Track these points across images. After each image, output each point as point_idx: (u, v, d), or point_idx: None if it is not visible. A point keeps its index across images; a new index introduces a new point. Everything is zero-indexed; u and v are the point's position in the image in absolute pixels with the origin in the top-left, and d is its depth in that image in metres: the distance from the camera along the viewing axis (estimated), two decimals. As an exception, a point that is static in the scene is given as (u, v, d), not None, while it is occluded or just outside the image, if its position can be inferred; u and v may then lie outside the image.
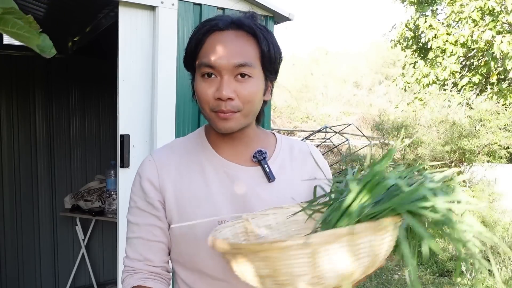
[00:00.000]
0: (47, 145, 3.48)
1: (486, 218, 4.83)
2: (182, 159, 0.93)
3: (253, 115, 0.88)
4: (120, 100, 2.06)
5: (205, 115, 0.88)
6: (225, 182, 0.90)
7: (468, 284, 4.37)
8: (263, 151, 0.93)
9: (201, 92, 0.85)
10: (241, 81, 0.84)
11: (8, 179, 3.34)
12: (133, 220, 0.93)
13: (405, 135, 5.56)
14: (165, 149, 0.97)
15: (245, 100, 0.84)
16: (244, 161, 0.93)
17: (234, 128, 0.86)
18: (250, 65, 0.84)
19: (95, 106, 3.69)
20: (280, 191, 0.91)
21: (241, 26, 0.86)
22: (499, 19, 6.94)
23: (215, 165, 0.92)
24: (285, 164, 0.96)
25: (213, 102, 0.84)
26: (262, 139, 0.97)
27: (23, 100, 3.37)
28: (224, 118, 0.84)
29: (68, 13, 2.62)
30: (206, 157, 0.93)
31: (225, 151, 0.93)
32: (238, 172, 0.91)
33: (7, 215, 3.34)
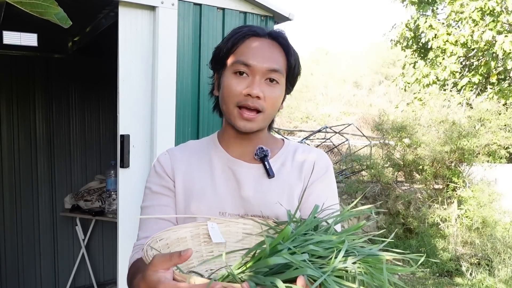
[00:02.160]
0: (47, 145, 3.48)
1: (486, 219, 4.83)
2: (193, 155, 1.01)
3: (270, 119, 0.96)
4: (120, 100, 2.06)
5: (226, 110, 0.93)
6: (229, 176, 0.96)
7: (468, 284, 4.36)
8: (265, 149, 0.97)
9: (231, 86, 0.91)
10: (270, 85, 0.91)
11: (8, 179, 3.33)
12: (148, 204, 0.98)
13: (404, 135, 5.56)
14: (179, 147, 1.05)
15: (270, 102, 0.91)
16: (250, 159, 0.98)
17: (254, 128, 0.92)
18: (280, 72, 0.92)
19: (95, 106, 3.69)
20: (278, 188, 0.95)
21: (276, 37, 0.94)
22: (499, 19, 6.94)
23: (222, 161, 0.98)
24: (287, 163, 0.99)
25: (241, 97, 0.89)
26: (270, 143, 1.03)
27: (23, 100, 3.37)
28: (247, 117, 0.90)
29: (68, 13, 2.61)
30: (215, 154, 0.99)
31: (234, 150, 0.99)
32: (241, 168, 0.96)
33: (7, 215, 3.33)
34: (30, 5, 0.46)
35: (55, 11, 0.47)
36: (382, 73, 19.63)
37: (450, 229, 5.08)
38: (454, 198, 5.26)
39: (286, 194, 0.95)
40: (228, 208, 0.93)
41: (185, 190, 0.96)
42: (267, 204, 0.93)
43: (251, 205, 0.93)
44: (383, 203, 5.95)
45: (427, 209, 5.21)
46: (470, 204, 4.98)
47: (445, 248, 4.93)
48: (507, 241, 4.63)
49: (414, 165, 5.53)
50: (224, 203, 0.93)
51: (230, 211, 0.93)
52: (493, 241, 4.66)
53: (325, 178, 1.00)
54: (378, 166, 5.83)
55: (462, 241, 4.95)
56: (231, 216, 0.92)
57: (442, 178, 5.40)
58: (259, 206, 0.93)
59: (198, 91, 2.23)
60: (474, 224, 4.89)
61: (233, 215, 0.93)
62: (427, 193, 5.55)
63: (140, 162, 2.13)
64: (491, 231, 4.80)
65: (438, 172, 5.37)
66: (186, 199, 0.95)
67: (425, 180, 5.44)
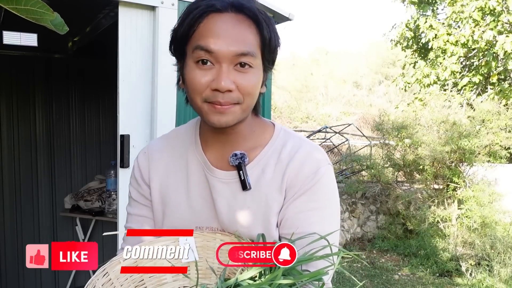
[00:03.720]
0: (47, 145, 3.48)
1: (486, 219, 4.83)
2: (172, 156, 0.90)
3: (250, 108, 0.81)
4: (120, 100, 2.06)
5: (195, 106, 0.79)
6: (204, 189, 0.85)
7: (468, 284, 4.36)
8: (239, 154, 0.82)
9: (194, 80, 0.76)
10: (241, 71, 0.75)
11: (8, 179, 3.33)
12: (128, 210, 0.93)
13: (405, 135, 5.56)
14: (160, 142, 0.94)
15: (245, 92, 0.76)
16: (227, 164, 0.84)
17: (230, 122, 0.77)
18: (251, 54, 0.75)
19: (95, 106, 3.69)
20: (254, 201, 0.81)
21: (241, 9, 0.76)
22: (500, 19, 6.94)
23: (200, 168, 0.86)
24: (268, 169, 0.83)
25: (208, 93, 0.75)
26: (256, 136, 0.86)
27: (23, 100, 3.37)
28: (220, 111, 0.75)
29: (68, 13, 2.61)
30: (193, 156, 0.87)
31: (212, 152, 0.86)
32: (216, 178, 0.84)
33: (7, 215, 3.33)
34: (26, 11, 0.46)
35: (50, 18, 0.47)
36: (382, 73, 19.63)
37: (450, 229, 5.08)
38: (454, 198, 5.26)
39: (262, 210, 0.81)
40: (204, 223, 0.84)
41: (162, 200, 0.87)
42: (241, 223, 0.81)
43: (223, 222, 0.83)
44: (383, 203, 5.95)
45: (427, 209, 5.21)
46: (471, 204, 4.97)
47: (445, 248, 4.93)
48: (507, 241, 4.63)
49: (415, 165, 5.53)
50: (200, 218, 0.84)
51: (206, 226, 0.85)
52: (493, 241, 4.66)
53: (311, 190, 0.80)
54: (378, 166, 5.82)
55: (462, 241, 4.95)
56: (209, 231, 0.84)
57: (443, 178, 5.40)
58: (233, 225, 0.81)
59: (198, 91, 2.23)
60: (474, 224, 4.88)
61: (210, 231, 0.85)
62: (427, 193, 5.55)
63: (140, 162, 2.12)
64: (491, 231, 4.79)
65: (438, 172, 5.37)
66: (163, 209, 0.87)
67: (425, 180, 5.44)
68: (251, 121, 0.86)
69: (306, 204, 0.80)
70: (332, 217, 0.82)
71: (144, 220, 0.89)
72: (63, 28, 0.51)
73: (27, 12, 0.46)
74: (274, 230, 0.81)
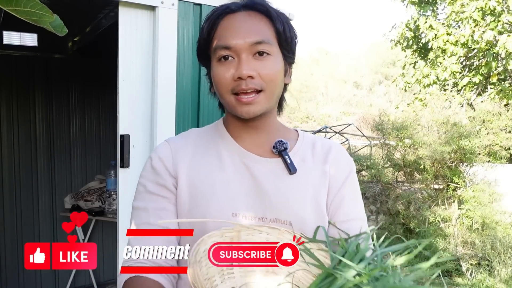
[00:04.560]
0: (47, 145, 3.48)
1: (486, 219, 4.83)
2: (199, 145, 0.88)
3: (275, 97, 0.85)
4: (120, 100, 2.06)
5: (225, 102, 0.83)
6: (243, 172, 0.84)
7: (468, 284, 4.36)
8: (284, 142, 0.87)
9: (219, 76, 0.81)
10: (260, 59, 0.80)
11: (8, 179, 3.33)
12: (141, 205, 0.85)
13: (405, 135, 5.55)
14: (180, 136, 0.92)
15: (266, 78, 0.80)
16: (265, 152, 0.87)
17: (257, 111, 0.81)
18: (267, 42, 0.80)
19: (95, 106, 3.69)
20: (301, 184, 0.85)
21: (253, 6, 0.83)
22: (500, 19, 6.94)
23: (233, 154, 0.86)
24: (307, 158, 0.89)
25: (233, 84, 0.80)
26: (283, 131, 0.92)
27: (23, 100, 3.37)
28: (246, 102, 0.80)
29: (68, 13, 2.62)
30: (224, 145, 0.87)
31: (245, 141, 0.88)
32: (257, 163, 0.85)
33: (7, 215, 3.33)
34: (25, 13, 0.46)
35: (50, 19, 0.47)
36: (382, 73, 19.62)
37: (450, 229, 5.08)
38: (454, 198, 5.26)
39: (310, 193, 0.85)
40: (242, 208, 0.81)
41: (190, 189, 0.83)
42: (290, 204, 0.82)
43: (271, 205, 0.82)
44: (383, 203, 5.94)
45: (427, 209, 5.21)
46: (471, 204, 4.97)
47: (445, 248, 4.93)
48: (508, 241, 4.63)
49: (415, 165, 5.53)
50: (237, 203, 0.81)
51: (245, 212, 0.81)
52: (493, 242, 4.66)
53: (351, 179, 0.90)
54: (378, 166, 5.82)
55: (462, 241, 4.95)
56: (245, 218, 0.80)
57: (443, 178, 5.40)
58: (281, 206, 0.82)
59: (198, 91, 2.23)
60: (475, 225, 4.88)
61: (248, 217, 0.81)
62: (428, 193, 5.55)
63: (140, 162, 2.13)
64: (491, 231, 4.79)
65: (438, 172, 5.37)
66: (191, 199, 0.83)
67: (426, 180, 5.44)
68: (276, 120, 0.92)
69: (349, 192, 0.89)
70: (362, 202, 0.93)
71: (165, 214, 0.83)
72: (62, 30, 0.51)
73: (26, 13, 0.46)
74: (325, 214, 0.86)
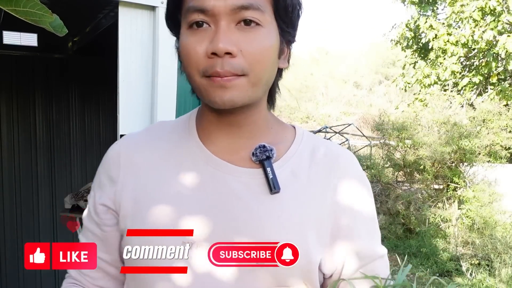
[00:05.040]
0: (47, 145, 3.48)
1: (487, 219, 4.83)
2: (159, 147, 0.67)
3: (264, 84, 0.61)
4: (120, 100, 2.06)
5: (193, 85, 0.61)
6: (205, 185, 0.62)
7: (468, 284, 4.36)
8: (268, 147, 0.63)
9: (188, 49, 0.58)
10: (245, 30, 0.57)
11: (8, 179, 3.33)
12: (85, 221, 0.72)
13: (406, 136, 5.56)
14: (142, 134, 0.71)
15: (252, 58, 0.57)
16: (242, 159, 0.63)
17: (236, 100, 0.58)
18: (257, 7, 0.57)
19: (95, 106, 3.69)
20: (286, 208, 0.61)
21: None
22: (500, 19, 6.94)
23: (198, 162, 0.63)
24: (301, 170, 0.64)
25: (204, 63, 0.57)
26: (275, 131, 0.68)
27: (23, 100, 3.37)
28: (222, 84, 0.56)
29: (68, 14, 2.61)
30: (188, 150, 0.65)
31: (218, 143, 0.65)
32: (228, 174, 0.62)
33: (7, 215, 3.33)
34: (24, 13, 0.46)
35: (49, 20, 0.47)
36: (382, 73, 19.63)
37: (450, 229, 5.08)
38: (454, 198, 5.27)
39: (297, 222, 0.60)
40: (199, 234, 0.59)
41: (134, 205, 0.63)
42: (266, 234, 0.59)
43: (238, 233, 0.59)
44: (383, 203, 5.95)
45: (427, 209, 5.21)
46: (471, 204, 4.98)
47: (445, 248, 4.93)
48: (508, 241, 4.63)
49: (415, 165, 5.54)
50: (192, 225, 0.59)
51: (201, 240, 0.59)
52: (494, 241, 4.66)
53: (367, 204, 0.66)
54: (378, 166, 5.83)
55: (463, 241, 4.95)
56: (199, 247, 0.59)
57: (443, 178, 5.40)
58: (251, 235, 0.59)
59: (198, 91, 2.23)
60: (475, 225, 4.89)
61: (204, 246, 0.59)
62: (428, 193, 5.55)
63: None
64: (491, 231, 4.80)
65: (438, 172, 5.37)
66: (133, 220, 0.62)
67: (426, 180, 5.44)
68: (268, 115, 0.68)
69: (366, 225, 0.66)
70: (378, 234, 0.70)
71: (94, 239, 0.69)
72: (62, 30, 0.51)
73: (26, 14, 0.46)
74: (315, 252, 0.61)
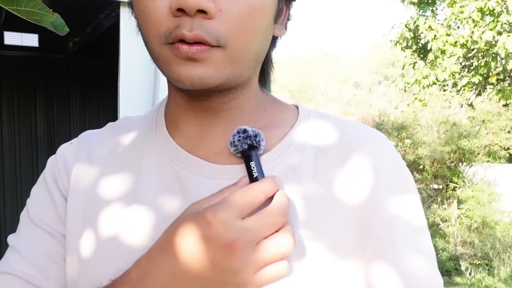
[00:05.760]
0: (48, 145, 3.49)
1: (486, 219, 4.84)
2: (117, 148, 0.52)
3: (250, 60, 0.44)
4: (120, 100, 2.07)
5: (153, 56, 0.45)
6: (169, 194, 0.47)
7: (467, 283, 4.38)
8: (251, 133, 0.44)
9: (145, 3, 0.42)
10: None
11: (10, 179, 3.35)
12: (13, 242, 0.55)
13: (405, 135, 5.58)
14: (103, 132, 0.55)
15: (236, 22, 0.41)
16: (220, 154, 0.47)
17: (209, 79, 0.41)
18: None
19: (95, 106, 3.70)
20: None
21: None
22: (499, 20, 6.96)
23: (162, 159, 0.48)
24: (304, 162, 0.46)
25: (167, 23, 0.40)
26: (269, 113, 0.51)
27: (24, 100, 3.38)
28: (189, 56, 0.40)
29: (69, 14, 2.63)
30: (152, 145, 0.50)
31: (188, 135, 0.49)
32: (201, 176, 0.46)
33: (9, 216, 3.34)
34: (26, 13, 0.47)
35: (50, 19, 0.48)
36: (382, 73, 19.65)
37: (449, 229, 5.09)
38: (454, 198, 5.28)
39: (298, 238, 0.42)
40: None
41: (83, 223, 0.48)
42: None
43: None
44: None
45: (427, 209, 5.22)
46: (470, 204, 4.99)
47: (444, 247, 4.94)
48: (507, 241, 4.64)
49: (414, 165, 5.55)
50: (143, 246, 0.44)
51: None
52: (493, 241, 4.67)
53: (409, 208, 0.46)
54: (378, 166, 5.83)
55: (462, 240, 4.96)
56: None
57: (442, 178, 5.41)
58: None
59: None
60: (474, 224, 4.90)
61: None
62: (427, 193, 5.56)
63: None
64: (490, 231, 4.81)
65: (438, 172, 5.38)
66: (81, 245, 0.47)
67: (425, 180, 5.45)
68: (260, 95, 0.51)
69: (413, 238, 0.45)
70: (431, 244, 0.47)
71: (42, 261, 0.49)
72: (63, 29, 0.52)
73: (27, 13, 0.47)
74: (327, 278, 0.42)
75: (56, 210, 0.50)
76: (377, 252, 0.43)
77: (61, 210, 0.50)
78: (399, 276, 0.43)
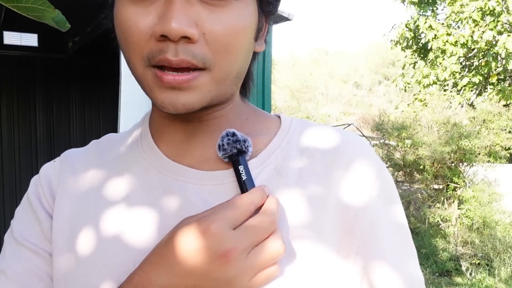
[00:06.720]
0: (47, 145, 3.48)
1: (486, 219, 4.84)
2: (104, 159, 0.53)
3: (233, 78, 0.45)
4: (121, 100, 2.06)
5: (136, 77, 0.46)
6: (157, 203, 0.47)
7: (467, 283, 4.37)
8: (240, 137, 0.46)
9: (127, 24, 0.42)
10: (210, 4, 0.41)
11: (9, 179, 3.34)
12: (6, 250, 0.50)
13: (405, 135, 5.57)
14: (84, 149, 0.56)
15: (220, 45, 0.41)
16: (206, 161, 0.48)
17: (194, 105, 0.42)
18: None
19: (95, 106, 3.70)
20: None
21: None
22: (499, 19, 6.96)
23: (147, 169, 0.49)
24: (288, 166, 0.48)
25: (150, 46, 0.41)
26: (251, 122, 0.52)
27: (24, 100, 3.38)
28: (174, 84, 0.41)
29: (69, 13, 2.62)
30: (138, 156, 0.51)
31: (173, 143, 0.50)
32: (188, 183, 0.47)
33: (8, 216, 3.34)
34: (27, 9, 0.46)
35: (52, 15, 0.47)
36: (382, 73, 19.65)
37: (450, 229, 5.09)
38: (454, 198, 5.27)
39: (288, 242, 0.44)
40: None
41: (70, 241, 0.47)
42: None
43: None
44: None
45: (427, 209, 5.22)
46: (471, 204, 4.98)
47: (445, 248, 4.93)
48: (507, 241, 4.64)
49: (415, 165, 5.54)
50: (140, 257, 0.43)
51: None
52: (493, 241, 4.67)
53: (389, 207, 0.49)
54: (378, 166, 5.82)
55: (462, 241, 4.96)
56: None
57: (443, 178, 5.41)
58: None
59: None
60: (475, 224, 4.89)
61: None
62: (427, 193, 5.56)
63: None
64: (491, 231, 4.80)
65: (438, 172, 5.38)
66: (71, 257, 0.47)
67: (425, 180, 5.45)
68: (242, 106, 0.52)
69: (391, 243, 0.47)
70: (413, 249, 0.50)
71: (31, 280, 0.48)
72: (64, 25, 0.51)
73: (28, 10, 0.46)
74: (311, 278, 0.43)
75: (41, 227, 0.50)
76: (363, 248, 0.46)
77: (45, 227, 0.50)
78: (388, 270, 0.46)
